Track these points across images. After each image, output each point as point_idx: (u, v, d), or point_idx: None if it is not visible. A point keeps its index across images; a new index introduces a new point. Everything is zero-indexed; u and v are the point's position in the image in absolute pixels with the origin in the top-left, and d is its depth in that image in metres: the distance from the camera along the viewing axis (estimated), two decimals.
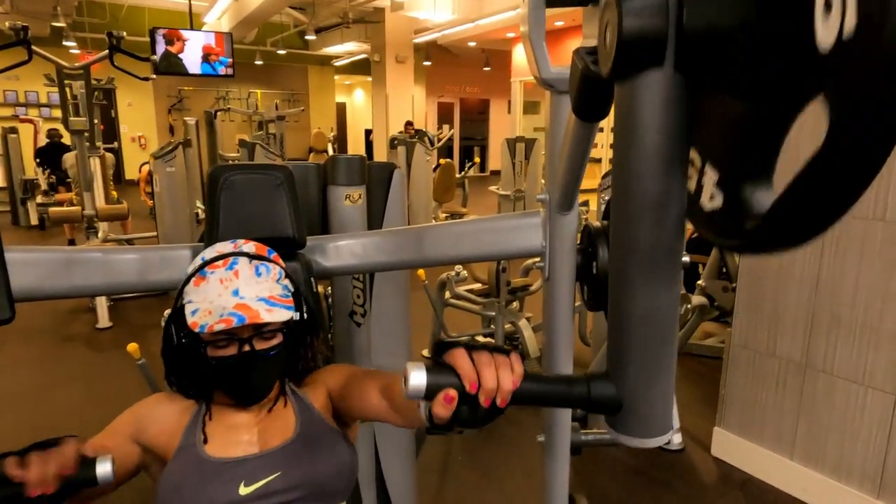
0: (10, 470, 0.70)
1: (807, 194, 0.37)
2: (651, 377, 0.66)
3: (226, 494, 0.90)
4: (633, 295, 0.62)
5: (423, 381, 0.60)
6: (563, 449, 1.27)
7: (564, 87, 1.02)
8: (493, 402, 0.61)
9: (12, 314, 0.86)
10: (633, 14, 0.47)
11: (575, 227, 1.11)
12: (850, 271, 2.06)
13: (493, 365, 0.62)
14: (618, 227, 0.61)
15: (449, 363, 0.62)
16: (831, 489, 2.17)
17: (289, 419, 0.99)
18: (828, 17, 0.33)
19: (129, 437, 0.95)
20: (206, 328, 0.85)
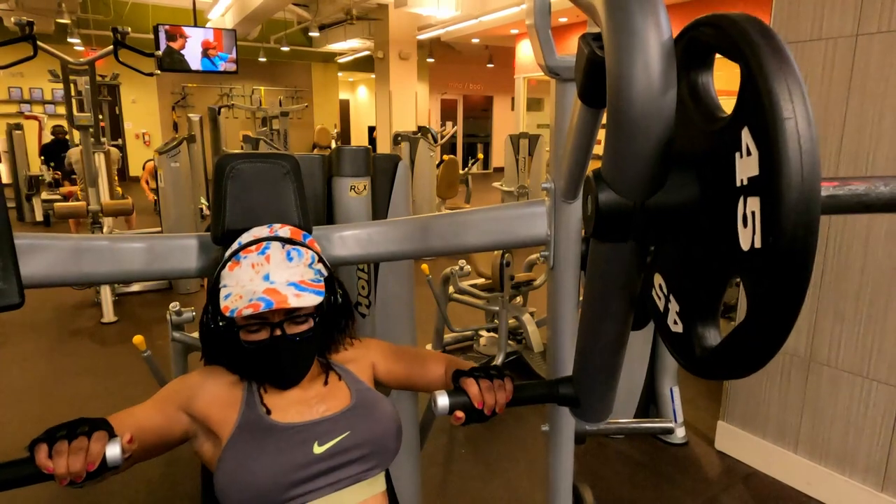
0: (40, 460, 0.74)
1: (739, 345, 0.52)
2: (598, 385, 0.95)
3: (302, 455, 0.94)
4: (591, 348, 0.90)
5: (446, 403, 0.91)
6: (567, 437, 1.28)
7: (569, 75, 1.03)
8: (493, 411, 0.93)
9: (22, 300, 0.86)
10: (607, 197, 0.58)
11: (580, 216, 1.11)
12: (855, 264, 2.06)
13: (492, 389, 0.93)
14: (585, 314, 0.86)
15: (463, 387, 0.93)
16: (835, 482, 2.17)
17: (343, 389, 1.05)
18: (745, 229, 0.48)
19: (177, 407, 0.97)
20: (235, 312, 0.88)
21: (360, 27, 10.99)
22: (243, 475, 0.91)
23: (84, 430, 0.76)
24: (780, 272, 0.45)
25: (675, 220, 0.58)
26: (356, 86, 17.19)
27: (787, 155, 0.44)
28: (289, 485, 0.93)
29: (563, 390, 1.00)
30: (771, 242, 0.45)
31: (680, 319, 0.60)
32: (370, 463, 1.00)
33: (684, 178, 0.56)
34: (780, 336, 0.48)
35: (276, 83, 14.21)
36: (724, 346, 0.54)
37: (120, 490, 2.28)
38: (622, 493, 2.28)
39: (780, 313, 0.47)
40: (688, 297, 0.60)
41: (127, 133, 12.54)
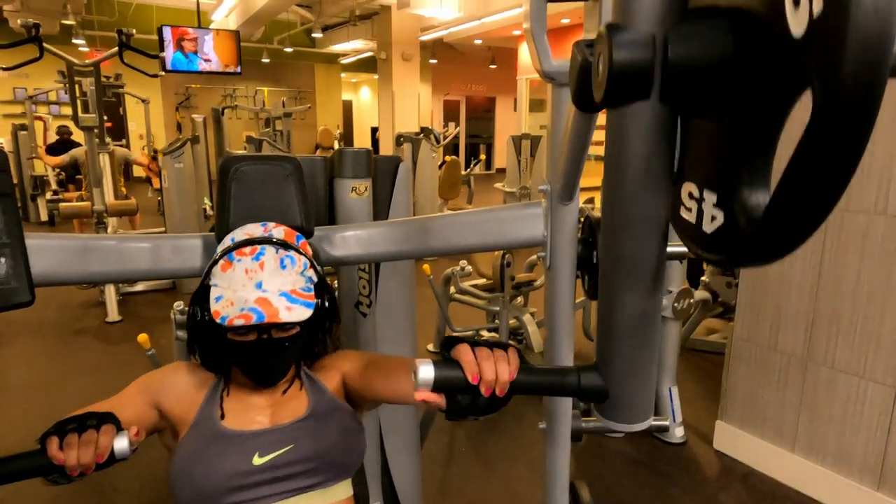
0: (52, 451, 0.77)
1: (800, 179, 0.38)
2: (635, 370, 0.75)
3: (241, 464, 0.95)
4: (620, 300, 0.71)
5: (430, 375, 0.69)
6: (564, 435, 1.30)
7: (565, 80, 1.05)
8: (493, 393, 0.71)
9: (32, 298, 0.89)
10: (623, 48, 0.50)
11: (576, 218, 1.14)
12: (852, 265, 2.08)
13: (492, 359, 0.72)
14: (607, 240, 0.68)
15: (454, 358, 0.72)
16: (832, 482, 2.18)
17: (302, 399, 1.04)
18: (797, 8, 0.37)
19: (148, 402, 1.00)
20: (226, 320, 0.89)
21: (363, 28, 11.03)
22: (187, 475, 0.94)
23: (93, 423, 0.79)
24: (853, 34, 0.33)
25: (704, 75, 0.49)
26: (359, 87, 17.22)
27: None
28: (226, 491, 0.93)
29: (586, 380, 0.77)
30: (832, 2, 0.33)
31: (720, 209, 0.49)
32: (316, 478, 0.98)
33: (715, 24, 0.47)
34: (862, 131, 0.35)
35: (279, 84, 14.25)
36: (783, 187, 0.40)
37: (125, 486, 2.31)
38: (620, 491, 2.30)
39: (859, 92, 0.34)
40: (725, 175, 0.50)
41: (131, 134, 12.59)
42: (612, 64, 0.49)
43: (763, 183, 0.46)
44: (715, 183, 0.51)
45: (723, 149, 0.50)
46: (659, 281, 0.68)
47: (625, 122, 0.59)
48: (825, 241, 2.14)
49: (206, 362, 1.04)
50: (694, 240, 0.55)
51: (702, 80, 0.49)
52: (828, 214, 0.39)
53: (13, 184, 0.88)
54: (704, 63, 0.48)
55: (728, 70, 0.46)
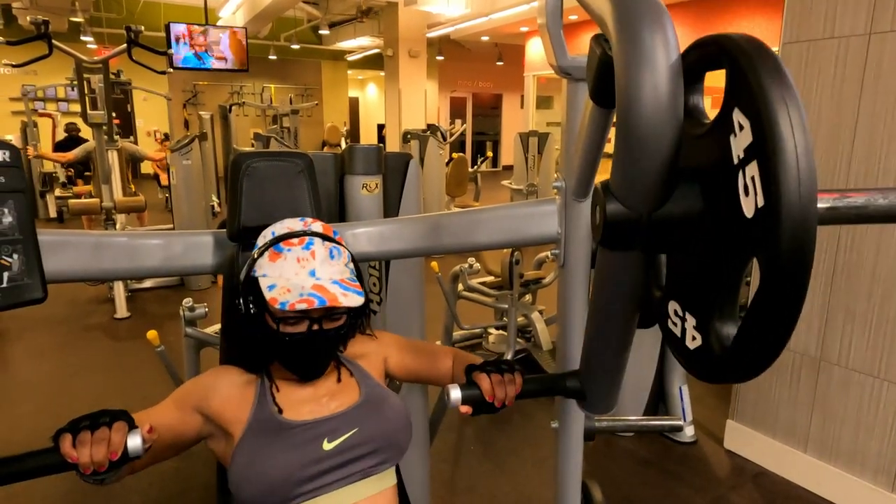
0: (65, 449, 0.77)
1: (757, 323, 0.51)
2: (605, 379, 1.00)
3: (312, 452, 0.96)
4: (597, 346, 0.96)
5: (458, 396, 0.94)
6: (577, 435, 1.29)
7: (581, 75, 1.04)
8: (503, 404, 0.96)
9: (45, 294, 0.89)
10: (615, 208, 0.59)
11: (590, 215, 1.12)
12: (867, 264, 2.05)
13: (503, 383, 0.95)
14: (592, 315, 0.92)
15: (475, 381, 0.95)
16: (845, 482, 2.16)
17: (353, 386, 1.07)
18: (747, 196, 0.49)
19: (191, 408, 1.00)
20: (286, 305, 0.89)
21: (370, 25, 11.01)
22: (255, 472, 0.94)
23: (106, 421, 0.78)
24: (784, 230, 0.46)
25: (681, 230, 0.59)
26: (365, 83, 17.22)
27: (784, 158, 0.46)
28: (300, 481, 0.95)
29: (569, 384, 1.05)
30: (770, 198, 0.47)
31: (697, 332, 0.60)
32: (379, 458, 1.02)
33: (690, 189, 0.58)
34: (799, 289, 0.49)
35: (286, 81, 14.27)
36: (743, 330, 0.54)
37: (135, 484, 2.31)
38: (630, 491, 2.29)
39: (789, 279, 0.48)
40: (702, 304, 0.61)
41: (139, 130, 12.64)
42: (605, 222, 0.60)
43: (731, 316, 0.57)
44: (694, 308, 0.62)
45: (698, 283, 0.61)
46: (627, 340, 0.90)
47: (612, 260, 0.78)
48: (840, 240, 2.12)
49: (247, 360, 1.04)
50: (679, 352, 0.65)
51: (679, 232, 0.59)
52: (783, 346, 0.52)
53: (26, 180, 0.88)
54: (681, 219, 0.59)
55: (699, 225, 0.58)
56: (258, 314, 0.97)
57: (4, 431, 2.74)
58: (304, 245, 0.96)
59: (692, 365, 0.63)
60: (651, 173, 0.56)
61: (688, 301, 0.64)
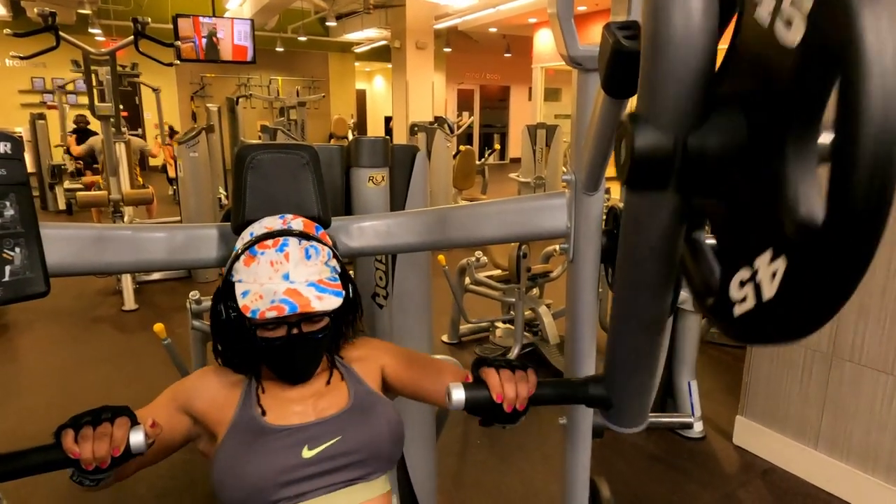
0: (67, 444, 0.76)
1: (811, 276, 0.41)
2: (635, 386, 0.88)
3: (291, 458, 0.93)
4: (626, 339, 0.83)
5: (462, 396, 0.83)
6: (585, 431, 1.27)
7: (592, 65, 1.01)
8: (514, 408, 0.84)
9: (48, 288, 0.88)
10: (644, 141, 0.52)
11: (601, 208, 1.10)
12: (881, 259, 2.02)
13: (514, 381, 0.84)
14: (619, 294, 0.79)
15: (482, 377, 0.85)
16: (856, 479, 2.14)
17: (342, 390, 1.03)
18: None
19: (179, 409, 0.98)
20: (257, 314, 0.87)
21: (377, 16, 10.96)
22: (234, 475, 0.92)
23: (107, 417, 0.78)
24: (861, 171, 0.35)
25: (721, 165, 0.50)
26: (373, 76, 17.17)
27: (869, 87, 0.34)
28: (278, 486, 0.92)
29: (592, 391, 0.91)
30: (846, 133, 0.35)
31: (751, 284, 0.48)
32: (364, 469, 0.98)
33: (731, 118, 0.49)
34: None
35: (293, 73, 14.25)
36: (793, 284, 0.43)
37: (144, 475, 2.32)
38: (638, 487, 2.27)
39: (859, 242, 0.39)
40: (749, 250, 0.49)
41: (147, 123, 12.67)
42: (633, 153, 0.52)
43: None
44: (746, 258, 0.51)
45: (741, 232, 0.52)
46: (662, 328, 0.78)
47: (643, 204, 0.65)
48: None
49: (233, 363, 1.02)
50: (720, 316, 0.54)
51: (719, 168, 0.50)
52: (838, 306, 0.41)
53: (27, 173, 0.87)
54: (720, 151, 0.49)
55: (743, 159, 0.48)
56: (238, 318, 0.94)
57: (14, 423, 2.75)
58: (278, 247, 0.93)
59: (739, 325, 0.50)
60: (684, 83, 0.49)
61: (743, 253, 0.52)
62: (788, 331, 0.44)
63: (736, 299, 0.49)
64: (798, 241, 0.41)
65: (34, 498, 2.19)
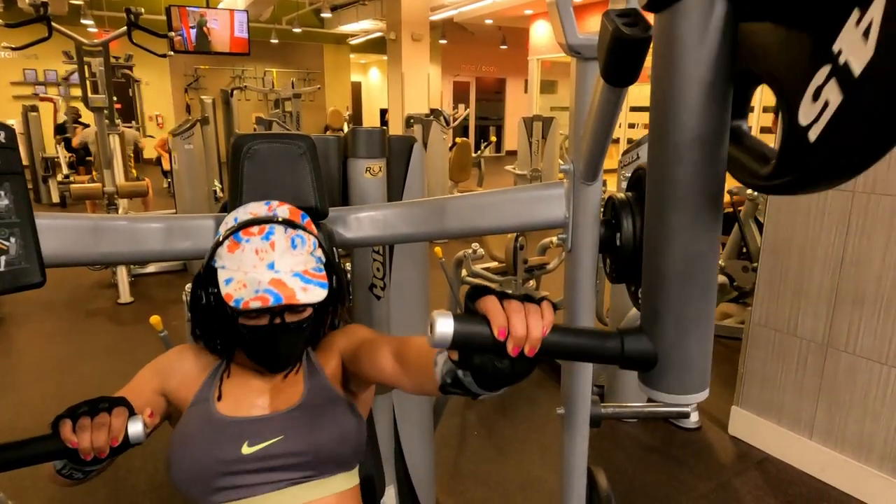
0: (65, 434, 0.76)
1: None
2: (689, 330, 0.63)
3: (229, 452, 0.92)
4: (672, 239, 0.60)
5: (450, 328, 0.58)
6: (583, 421, 1.27)
7: (591, 54, 1.00)
8: (521, 354, 0.59)
9: (43, 279, 0.87)
10: None
11: (599, 198, 1.10)
12: (877, 249, 2.02)
13: (523, 312, 0.60)
14: (656, 169, 0.59)
15: (480, 309, 0.60)
16: (851, 469, 2.15)
17: (297, 385, 1.00)
18: None
19: (155, 390, 0.99)
20: (241, 304, 0.85)
21: (373, 8, 10.89)
22: (179, 458, 0.92)
23: (105, 407, 0.77)
24: None
25: None
26: (368, 68, 17.09)
27: None
28: (216, 475, 0.91)
29: (631, 344, 0.65)
30: None
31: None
32: (309, 470, 0.94)
33: None
34: None
35: (288, 65, 14.16)
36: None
37: (142, 466, 2.32)
38: (634, 477, 2.29)
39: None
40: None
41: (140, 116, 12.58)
42: None
43: None
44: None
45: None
46: (717, 215, 0.59)
47: (676, 25, 0.52)
48: (850, 225, 2.09)
49: (211, 346, 1.02)
50: (795, 151, 0.44)
51: None
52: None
53: (22, 162, 0.86)
54: None
55: None
56: (218, 305, 0.92)
57: (10, 416, 2.75)
58: (264, 235, 0.91)
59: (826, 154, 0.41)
60: None
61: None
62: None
63: (808, 121, 0.41)
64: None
65: (33, 491, 2.18)
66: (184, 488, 0.92)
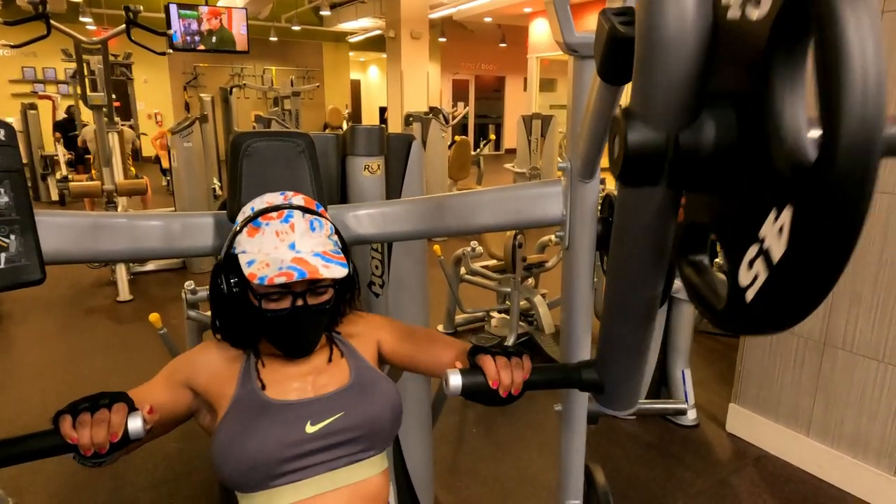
0: (65, 430, 0.76)
1: (792, 270, 0.44)
2: (626, 371, 0.92)
3: (294, 433, 0.93)
4: (618, 324, 0.85)
5: (459, 382, 0.88)
6: (580, 418, 1.28)
7: (588, 52, 1.01)
8: (509, 393, 0.89)
9: (43, 276, 0.88)
10: (636, 132, 0.53)
11: (596, 196, 1.10)
12: (874, 247, 2.03)
13: (509, 367, 0.89)
14: (612, 281, 0.81)
15: (478, 364, 0.90)
16: (847, 466, 2.16)
17: (343, 367, 1.03)
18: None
19: (181, 383, 0.99)
20: (265, 280, 0.86)
21: (372, 6, 10.87)
22: (236, 449, 0.92)
23: (105, 403, 0.78)
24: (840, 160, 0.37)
25: (710, 161, 0.52)
26: (367, 66, 17.07)
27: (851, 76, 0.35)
28: (280, 461, 0.92)
29: (585, 375, 0.95)
30: (824, 159, 0.38)
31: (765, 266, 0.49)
32: (363, 444, 0.99)
33: (720, 114, 0.51)
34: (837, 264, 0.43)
35: (287, 63, 14.15)
36: (775, 277, 0.45)
37: (140, 464, 2.33)
38: (632, 473, 2.30)
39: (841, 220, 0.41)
40: (735, 246, 0.52)
41: (139, 113, 12.57)
42: (626, 150, 0.53)
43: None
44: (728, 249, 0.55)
45: (732, 224, 0.54)
46: (651, 317, 0.81)
47: (635, 201, 0.68)
48: None
49: (233, 338, 1.02)
50: (703, 304, 0.59)
51: (710, 162, 0.52)
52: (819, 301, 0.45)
53: (21, 160, 0.86)
54: (711, 146, 0.51)
55: (732, 155, 0.50)
56: (240, 292, 0.94)
57: (9, 413, 2.75)
58: (283, 218, 0.93)
59: (723, 315, 0.54)
60: (675, 81, 0.51)
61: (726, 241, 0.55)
62: (809, 285, 0.43)
63: (746, 283, 0.49)
64: (801, 179, 0.41)
65: (33, 488, 2.19)
66: (242, 480, 0.92)
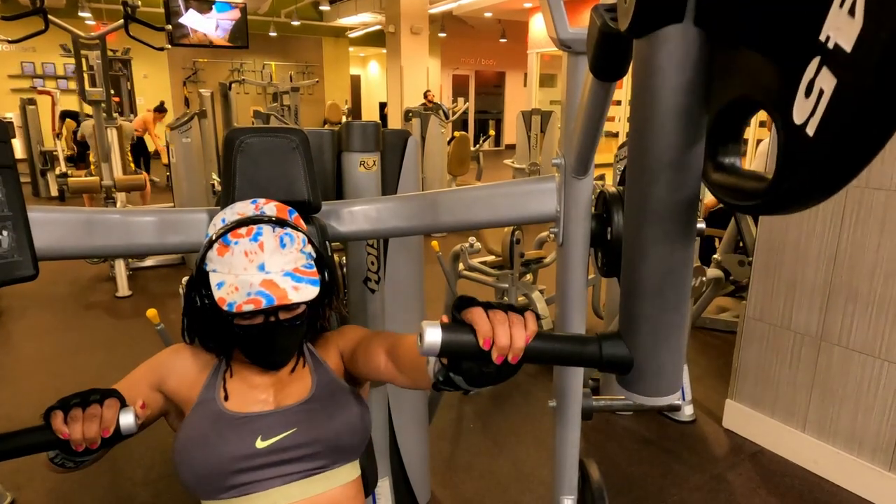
0: (56, 425, 0.76)
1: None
2: (662, 338, 0.67)
3: (243, 447, 0.93)
4: (648, 255, 0.63)
5: (437, 338, 0.62)
6: (575, 414, 1.28)
7: (582, 48, 1.01)
8: (505, 361, 0.63)
9: (36, 272, 0.88)
10: None
11: (590, 192, 1.10)
12: (871, 243, 2.03)
13: (507, 323, 0.64)
14: (634, 187, 0.61)
15: (466, 319, 0.64)
16: (843, 461, 2.17)
17: (305, 380, 1.02)
18: None
19: (152, 385, 0.99)
20: (234, 307, 0.86)
21: (371, 1, 10.85)
22: (189, 456, 0.93)
23: (96, 398, 0.78)
24: None
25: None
26: (367, 61, 17.03)
27: None
28: (230, 473, 0.92)
29: (608, 349, 0.68)
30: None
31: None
32: (324, 460, 0.97)
33: None
34: None
35: (286, 58, 14.12)
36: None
37: (139, 460, 2.34)
38: (628, 469, 2.30)
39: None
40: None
41: (139, 108, 12.55)
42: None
43: None
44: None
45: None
46: (691, 232, 0.61)
47: (655, 53, 0.52)
48: (843, 219, 2.09)
49: (208, 347, 1.02)
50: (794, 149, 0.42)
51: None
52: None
53: (14, 155, 0.86)
54: None
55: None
56: (212, 305, 0.93)
57: (8, 408, 2.76)
58: (252, 236, 0.91)
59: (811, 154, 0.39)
60: None
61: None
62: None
63: (805, 117, 0.39)
64: None
65: (32, 484, 2.20)
66: (196, 488, 0.93)
